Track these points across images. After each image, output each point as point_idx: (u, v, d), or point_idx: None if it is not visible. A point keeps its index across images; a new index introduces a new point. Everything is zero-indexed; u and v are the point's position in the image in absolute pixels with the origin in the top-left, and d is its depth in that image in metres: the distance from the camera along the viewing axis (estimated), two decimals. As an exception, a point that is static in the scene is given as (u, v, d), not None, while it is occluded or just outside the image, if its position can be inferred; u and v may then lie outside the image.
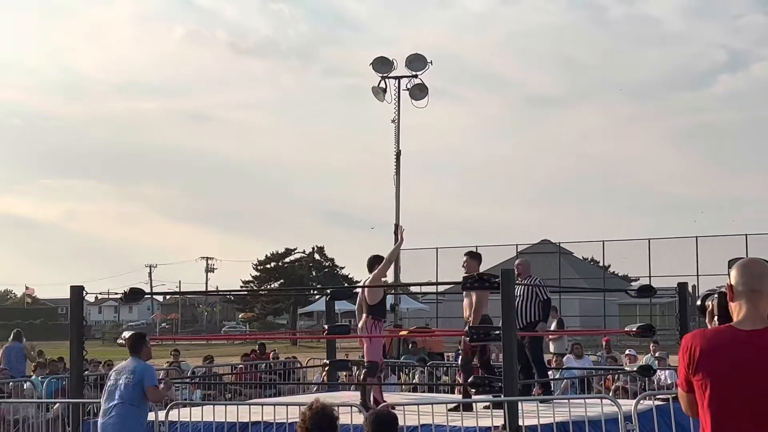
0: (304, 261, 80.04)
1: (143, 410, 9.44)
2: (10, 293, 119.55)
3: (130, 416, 9.20)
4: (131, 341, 9.71)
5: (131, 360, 9.45)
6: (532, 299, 12.39)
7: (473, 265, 11.90)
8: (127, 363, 9.48)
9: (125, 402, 9.17)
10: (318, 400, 6.22)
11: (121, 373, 9.34)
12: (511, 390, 9.71)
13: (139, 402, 9.31)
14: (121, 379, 9.25)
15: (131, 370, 9.30)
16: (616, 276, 56.81)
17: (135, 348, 9.56)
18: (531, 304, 12.39)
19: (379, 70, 28.12)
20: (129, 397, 9.19)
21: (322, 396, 11.90)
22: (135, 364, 9.38)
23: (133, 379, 9.21)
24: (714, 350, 3.91)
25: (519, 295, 12.29)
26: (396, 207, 28.21)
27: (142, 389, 9.24)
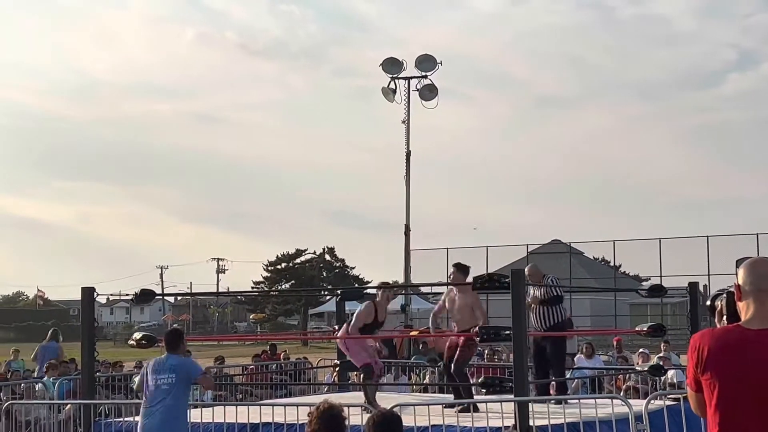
0: (314, 262, 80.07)
1: (186, 408, 9.47)
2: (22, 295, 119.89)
3: (174, 416, 9.21)
4: (169, 338, 9.67)
5: (169, 357, 9.39)
6: (552, 301, 12.39)
7: (460, 278, 11.89)
8: (163, 360, 9.39)
9: (169, 401, 9.17)
10: (326, 401, 6.24)
11: (159, 372, 9.26)
12: (522, 390, 9.71)
13: (182, 400, 9.32)
14: (161, 378, 9.21)
15: (171, 368, 9.24)
16: (627, 276, 56.67)
17: (173, 345, 9.51)
18: (553, 306, 12.38)
19: (389, 71, 28.14)
20: (171, 396, 9.18)
21: (333, 396, 11.94)
22: (174, 361, 9.33)
23: (175, 377, 9.19)
24: (722, 350, 3.91)
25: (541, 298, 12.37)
26: (406, 207, 28.23)
27: (187, 385, 9.25)
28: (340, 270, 79.93)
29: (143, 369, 9.68)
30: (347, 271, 79.79)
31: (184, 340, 9.86)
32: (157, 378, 9.26)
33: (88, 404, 11.58)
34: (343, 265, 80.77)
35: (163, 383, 9.21)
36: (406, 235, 28.60)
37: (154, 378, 9.28)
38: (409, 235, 28.61)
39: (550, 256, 49.45)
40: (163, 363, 9.39)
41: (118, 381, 16.22)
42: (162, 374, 9.27)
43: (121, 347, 26.37)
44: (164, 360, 9.44)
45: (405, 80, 28.18)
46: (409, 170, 27.94)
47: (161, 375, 9.26)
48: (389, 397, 12.19)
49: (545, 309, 12.36)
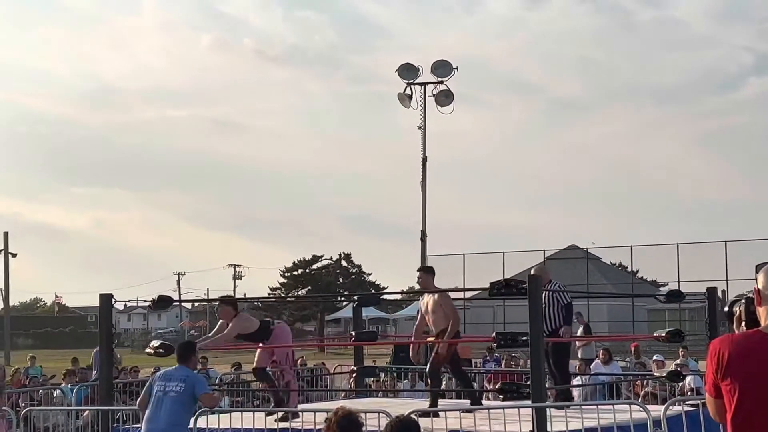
0: (331, 268, 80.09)
1: (189, 419, 9.54)
2: (39, 301, 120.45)
3: (179, 422, 9.26)
4: (181, 350, 9.78)
5: (179, 368, 9.49)
6: (553, 305, 12.36)
7: (428, 279, 12.14)
8: (175, 371, 9.49)
9: (174, 410, 9.22)
10: (343, 407, 6.24)
11: (169, 380, 9.34)
12: (539, 396, 9.69)
13: (188, 410, 9.39)
14: (170, 386, 9.28)
15: (181, 378, 9.33)
16: (645, 281, 56.50)
17: (184, 357, 9.62)
18: (554, 311, 12.36)
19: (405, 77, 28.15)
20: (179, 404, 9.24)
21: (350, 402, 11.94)
22: (185, 372, 9.43)
23: (184, 387, 9.25)
24: (743, 355, 3.89)
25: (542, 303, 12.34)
26: (423, 213, 28.21)
27: (192, 397, 9.32)
28: (357, 276, 79.92)
29: (148, 383, 9.73)
30: (364, 277, 79.77)
31: (197, 353, 9.92)
32: (165, 385, 9.33)
33: (106, 410, 11.61)
34: (359, 271, 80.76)
35: (171, 390, 9.28)
36: (422, 241, 28.57)
37: (163, 385, 9.34)
38: (426, 241, 28.58)
39: (567, 262, 49.40)
40: (174, 372, 9.49)
41: (136, 387, 16.28)
42: (171, 382, 9.34)
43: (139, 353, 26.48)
44: (175, 370, 9.53)
45: (421, 86, 28.19)
46: (425, 176, 27.92)
47: (171, 383, 9.33)
48: (406, 403, 12.18)
49: (548, 312, 12.26)
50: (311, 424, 10.06)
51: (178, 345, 10.16)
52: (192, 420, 10.38)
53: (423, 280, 12.30)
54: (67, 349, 52.20)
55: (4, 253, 59.94)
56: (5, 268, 60.72)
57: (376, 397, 15.00)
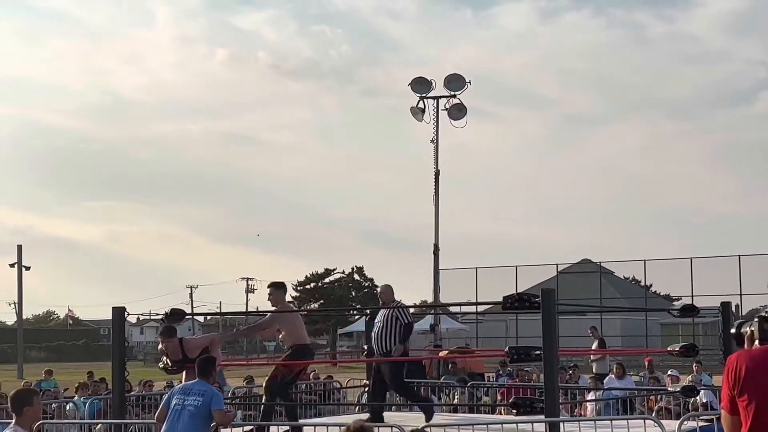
0: (343, 281, 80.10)
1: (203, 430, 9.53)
2: (53, 314, 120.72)
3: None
4: (201, 364, 9.79)
5: (198, 383, 9.51)
6: (392, 324, 12.24)
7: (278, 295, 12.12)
8: (194, 384, 9.52)
9: (192, 424, 9.24)
10: (358, 421, 6.23)
11: (188, 394, 9.37)
12: (553, 411, 9.65)
13: (205, 424, 9.39)
14: (189, 400, 9.31)
15: (200, 392, 9.35)
16: (658, 295, 56.34)
17: (204, 371, 9.64)
18: (392, 330, 12.24)
19: (418, 91, 28.21)
20: (196, 418, 9.26)
21: (363, 417, 11.91)
22: (203, 387, 9.44)
23: (201, 402, 9.28)
24: (760, 370, 3.86)
25: (380, 321, 12.35)
26: (435, 227, 28.22)
27: (209, 412, 9.32)
28: (369, 289, 79.84)
29: (167, 396, 9.74)
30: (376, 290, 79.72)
31: (215, 368, 9.94)
32: (184, 399, 9.35)
33: (118, 424, 11.60)
34: (372, 284, 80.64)
35: (189, 405, 9.30)
36: (435, 255, 28.58)
37: (182, 399, 9.37)
38: (438, 255, 28.58)
39: (580, 276, 49.27)
40: (192, 387, 9.51)
41: (148, 400, 16.27)
42: (190, 396, 9.36)
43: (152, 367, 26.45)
44: (193, 385, 9.56)
45: (434, 99, 28.24)
46: (437, 189, 27.95)
47: (189, 397, 9.35)
48: (419, 417, 12.14)
49: (386, 332, 12.19)
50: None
51: (199, 359, 10.18)
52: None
53: (273, 297, 12.15)
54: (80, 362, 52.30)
55: (18, 266, 60.12)
56: (19, 281, 60.89)
57: (389, 411, 14.96)
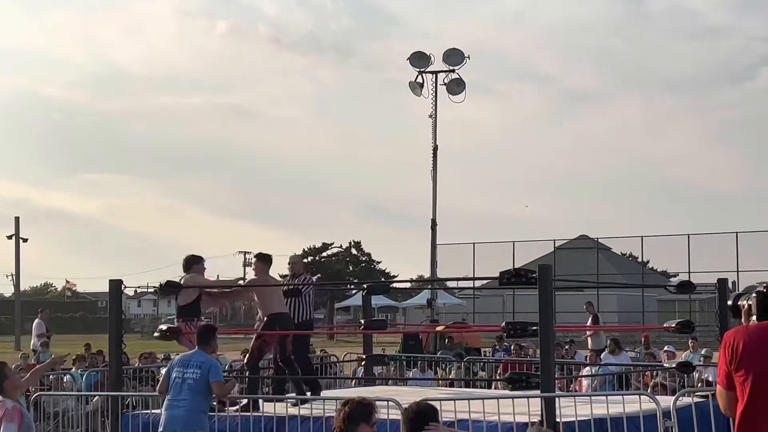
0: (341, 256, 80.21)
1: (209, 404, 9.56)
2: (50, 287, 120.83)
3: (197, 410, 9.31)
4: (201, 333, 9.77)
5: (197, 353, 9.51)
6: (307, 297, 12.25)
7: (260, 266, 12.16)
8: (193, 355, 9.52)
9: (193, 396, 9.26)
10: (357, 396, 6.25)
11: (187, 366, 9.38)
12: (548, 386, 9.67)
13: (206, 396, 9.41)
14: (188, 372, 9.33)
15: (198, 364, 9.36)
16: (655, 272, 56.42)
17: (203, 340, 9.63)
18: (304, 302, 12.23)
19: (417, 65, 28.13)
20: (196, 391, 9.28)
21: (359, 390, 11.94)
22: (201, 358, 9.44)
23: (200, 374, 9.29)
24: (757, 346, 3.86)
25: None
26: (433, 201, 28.22)
27: (208, 384, 9.34)
28: (367, 264, 80.00)
29: (167, 368, 9.73)
30: (373, 265, 79.84)
31: (216, 337, 9.93)
32: (184, 372, 9.37)
33: (115, 396, 11.63)
34: (369, 259, 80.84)
35: (189, 378, 9.33)
36: (432, 230, 28.59)
37: (181, 372, 9.38)
38: (436, 230, 28.60)
39: (578, 252, 49.36)
40: (191, 358, 9.51)
41: (145, 373, 16.30)
42: (189, 369, 9.39)
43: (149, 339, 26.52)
44: (191, 356, 9.55)
45: (433, 74, 28.15)
46: (436, 165, 27.93)
47: (188, 369, 9.38)
48: (416, 391, 12.17)
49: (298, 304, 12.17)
50: (320, 411, 10.06)
51: (199, 327, 10.17)
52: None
53: (256, 267, 12.27)
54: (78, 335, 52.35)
55: (16, 238, 60.11)
56: (16, 253, 60.89)
57: (385, 385, 15.00)
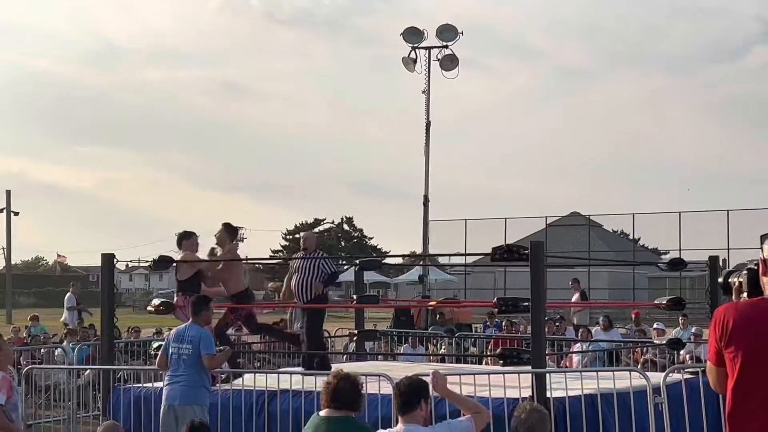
0: (333, 231, 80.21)
1: (207, 377, 9.60)
2: (41, 260, 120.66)
3: (195, 385, 9.36)
4: (193, 304, 9.76)
5: (190, 327, 9.51)
6: (316, 274, 12.06)
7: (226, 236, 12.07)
8: (186, 329, 9.51)
9: (189, 371, 9.32)
10: (341, 370, 6.26)
11: (181, 341, 9.41)
12: (539, 362, 9.71)
13: (201, 370, 9.44)
14: (183, 348, 9.36)
15: (190, 338, 9.38)
16: (646, 249, 56.51)
17: (195, 311, 9.62)
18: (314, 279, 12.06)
19: (410, 41, 28.00)
20: (192, 365, 9.33)
21: (350, 365, 11.97)
22: (193, 332, 9.45)
23: (192, 348, 9.32)
24: (748, 323, 3.88)
25: (304, 269, 12.04)
26: (425, 178, 28.17)
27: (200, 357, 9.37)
28: (359, 240, 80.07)
29: (165, 343, 9.76)
30: (365, 241, 79.93)
31: (210, 308, 9.91)
32: (178, 347, 9.41)
33: (107, 370, 11.65)
34: (361, 235, 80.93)
35: (183, 353, 9.37)
36: (424, 206, 28.56)
37: (177, 347, 9.43)
38: (428, 206, 28.57)
39: (569, 229, 49.37)
40: (183, 333, 9.52)
41: (137, 347, 16.33)
42: (182, 344, 9.42)
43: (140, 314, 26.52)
44: (184, 330, 9.56)
45: (426, 50, 28.04)
46: (428, 141, 27.86)
47: (181, 345, 9.42)
48: (407, 367, 12.21)
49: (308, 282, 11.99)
50: (312, 386, 10.09)
51: (193, 299, 10.17)
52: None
53: (219, 237, 12.15)
54: (69, 309, 52.24)
55: (6, 212, 59.95)
56: (7, 227, 60.74)
57: (377, 360, 15.05)
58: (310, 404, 9.62)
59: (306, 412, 8.29)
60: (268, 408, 10.28)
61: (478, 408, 6.34)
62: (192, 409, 9.17)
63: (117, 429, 7.63)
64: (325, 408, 6.04)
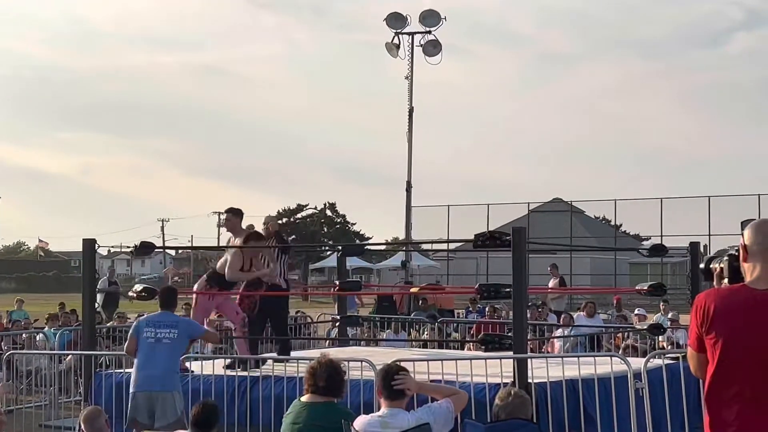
0: (315, 217, 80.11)
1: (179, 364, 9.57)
2: (23, 245, 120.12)
3: (173, 370, 9.27)
4: (166, 295, 9.72)
5: (166, 314, 9.43)
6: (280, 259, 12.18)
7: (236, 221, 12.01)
8: (162, 316, 9.42)
9: (169, 356, 9.22)
10: (324, 356, 6.27)
11: (159, 327, 9.27)
12: (521, 347, 9.74)
13: (179, 355, 9.41)
14: (163, 333, 9.22)
15: (172, 324, 9.29)
16: (628, 235, 56.75)
17: (170, 302, 9.60)
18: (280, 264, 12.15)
19: (393, 26, 27.98)
20: (174, 350, 9.24)
21: (333, 351, 11.99)
22: (173, 318, 9.42)
23: (178, 333, 9.22)
24: (728, 309, 3.90)
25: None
26: (408, 163, 28.22)
27: (186, 342, 9.38)
28: (341, 226, 79.99)
29: (134, 327, 9.58)
30: (348, 227, 79.87)
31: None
32: (156, 332, 9.25)
33: (88, 355, 11.61)
34: (344, 221, 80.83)
35: (165, 337, 9.22)
36: (407, 192, 28.60)
37: (153, 332, 9.25)
38: (411, 192, 28.61)
39: (551, 215, 49.50)
40: (161, 318, 9.40)
41: (119, 332, 16.29)
42: (162, 329, 9.26)
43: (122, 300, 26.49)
44: (163, 315, 9.44)
45: (409, 36, 28.03)
46: (411, 126, 27.89)
47: (162, 329, 9.26)
48: (389, 352, 12.23)
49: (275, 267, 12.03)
50: (294, 371, 10.10)
51: (162, 290, 10.12)
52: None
53: (230, 223, 12.13)
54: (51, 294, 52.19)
55: (-13, 197, 59.64)
56: (-12, 212, 60.47)
57: (359, 346, 15.07)
58: (292, 390, 9.63)
59: (288, 398, 8.29)
60: (250, 394, 10.28)
61: (455, 391, 6.41)
62: (172, 396, 9.10)
63: (100, 414, 7.61)
64: (308, 393, 6.05)
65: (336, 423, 5.97)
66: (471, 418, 7.71)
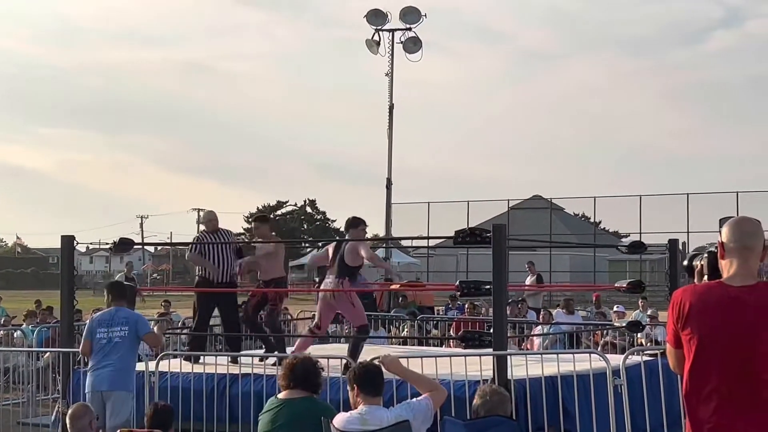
0: (295, 214, 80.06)
1: (135, 361, 9.42)
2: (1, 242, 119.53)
3: (125, 369, 9.12)
4: (118, 290, 9.58)
5: (117, 309, 9.25)
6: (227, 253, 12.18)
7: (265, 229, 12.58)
8: (114, 313, 9.24)
9: (122, 355, 9.07)
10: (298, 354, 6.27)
11: (111, 325, 9.13)
12: (501, 344, 9.75)
13: (134, 352, 9.30)
14: (114, 331, 9.08)
15: (123, 321, 9.12)
16: (607, 232, 56.94)
17: (121, 294, 9.44)
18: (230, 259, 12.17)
19: (373, 23, 27.92)
20: (126, 348, 9.10)
21: (312, 348, 11.97)
22: (125, 314, 9.22)
23: (128, 330, 9.07)
24: (704, 305, 3.93)
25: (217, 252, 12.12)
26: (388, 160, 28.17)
27: (137, 339, 9.20)
28: (321, 222, 79.96)
29: (87, 328, 9.43)
30: (328, 223, 79.82)
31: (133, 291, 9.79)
32: (108, 331, 9.11)
33: (67, 352, 11.55)
34: (324, 217, 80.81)
35: (116, 336, 9.08)
36: (387, 189, 28.57)
37: (105, 332, 9.12)
38: (391, 189, 28.59)
39: (531, 212, 49.64)
40: (113, 316, 9.22)
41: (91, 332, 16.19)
42: (114, 327, 9.12)
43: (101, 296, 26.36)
44: (114, 313, 9.26)
45: (389, 32, 27.99)
46: (392, 123, 27.86)
47: (113, 328, 9.11)
48: (369, 349, 12.22)
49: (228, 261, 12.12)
50: (273, 369, 10.08)
51: (111, 284, 10.00)
52: (153, 364, 10.36)
53: (260, 231, 12.51)
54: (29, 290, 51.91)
55: (-35, 193, 59.28)
56: (-34, 208, 60.07)
57: (339, 343, 15.05)
58: (272, 387, 9.61)
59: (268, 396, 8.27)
60: (230, 391, 10.25)
61: (435, 385, 6.41)
62: (120, 395, 8.95)
63: (87, 410, 7.52)
64: (285, 390, 6.05)
65: (316, 418, 5.97)
66: (450, 415, 7.71)
